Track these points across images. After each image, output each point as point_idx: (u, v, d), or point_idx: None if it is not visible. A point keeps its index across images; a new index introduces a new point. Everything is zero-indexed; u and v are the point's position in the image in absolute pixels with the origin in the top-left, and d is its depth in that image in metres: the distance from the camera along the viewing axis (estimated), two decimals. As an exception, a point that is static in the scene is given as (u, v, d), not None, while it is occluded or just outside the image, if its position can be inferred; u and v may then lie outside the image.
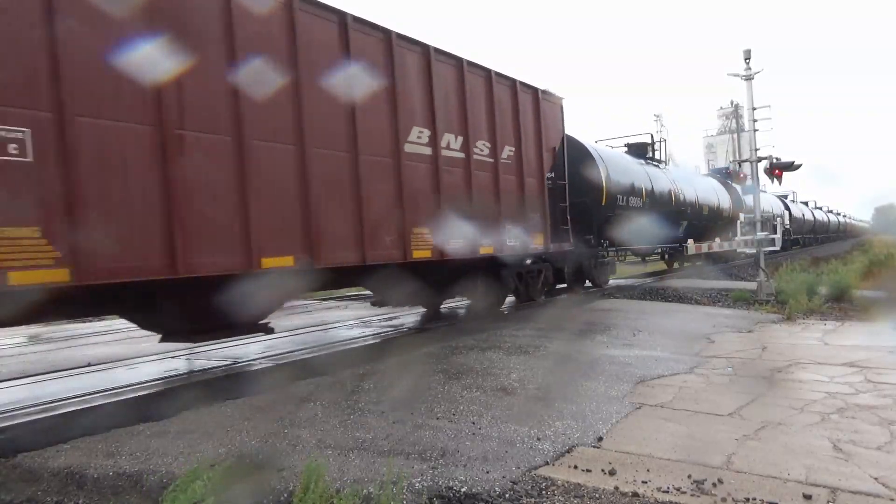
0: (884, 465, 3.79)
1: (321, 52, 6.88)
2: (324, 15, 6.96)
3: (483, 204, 9.32)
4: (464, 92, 9.04)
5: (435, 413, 4.88)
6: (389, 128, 7.81)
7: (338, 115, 7.05)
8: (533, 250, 10.80)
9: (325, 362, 7.06)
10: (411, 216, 7.99)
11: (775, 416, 4.76)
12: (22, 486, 3.56)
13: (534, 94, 10.79)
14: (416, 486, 3.45)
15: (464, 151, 9.03)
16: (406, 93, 8.04)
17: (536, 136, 10.83)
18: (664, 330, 9.11)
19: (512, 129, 10.16)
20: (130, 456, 3.94)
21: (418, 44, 8.30)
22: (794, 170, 14.67)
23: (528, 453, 4.03)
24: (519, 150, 10.25)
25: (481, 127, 9.45)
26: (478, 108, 9.38)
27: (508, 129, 10.08)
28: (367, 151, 7.35)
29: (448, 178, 8.69)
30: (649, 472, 3.70)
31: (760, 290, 12.74)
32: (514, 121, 10.22)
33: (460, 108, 9.01)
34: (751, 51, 13.41)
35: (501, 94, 9.95)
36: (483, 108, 9.50)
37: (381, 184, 7.61)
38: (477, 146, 9.31)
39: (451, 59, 8.92)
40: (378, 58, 7.68)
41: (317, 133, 6.71)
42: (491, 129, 9.62)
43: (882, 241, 36.45)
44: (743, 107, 14.32)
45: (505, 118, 9.97)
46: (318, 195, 6.68)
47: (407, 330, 9.85)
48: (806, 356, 7.14)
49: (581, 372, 6.24)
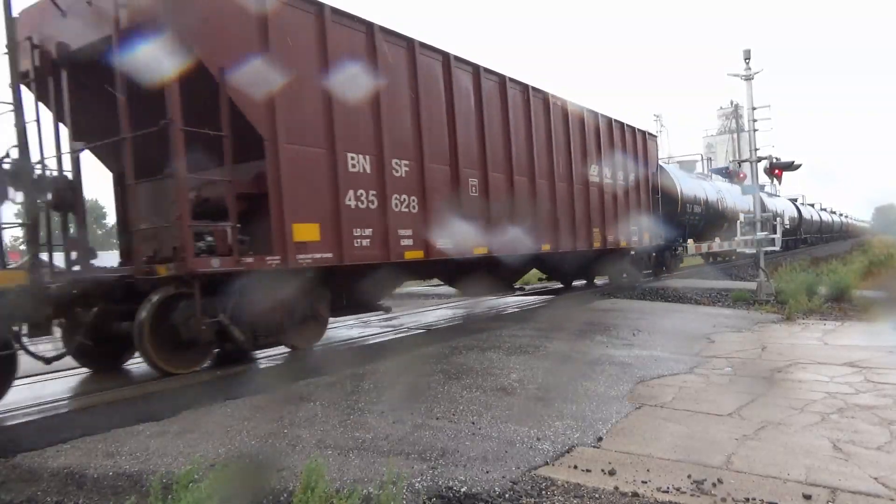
0: (884, 465, 3.79)
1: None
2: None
3: (625, 213, 14.40)
4: (612, 140, 14.09)
5: (434, 413, 4.88)
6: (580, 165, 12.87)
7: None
8: (645, 244, 15.77)
9: (325, 362, 7.06)
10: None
11: (775, 416, 4.75)
12: (22, 486, 3.55)
13: (643, 135, 15.76)
14: (416, 487, 3.45)
15: (612, 179, 14.05)
16: (587, 146, 13.04)
17: (644, 165, 15.74)
18: (664, 330, 9.12)
19: (633, 162, 14.97)
20: (130, 456, 3.94)
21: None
22: (794, 170, 14.68)
23: (528, 453, 4.03)
24: (637, 176, 15.18)
25: (619, 162, 14.28)
26: (619, 149, 14.32)
27: (631, 162, 14.89)
28: (563, 180, 12.17)
29: (608, 198, 13.74)
30: (649, 472, 3.70)
31: (760, 290, 12.74)
32: (634, 155, 15.12)
33: (610, 151, 13.92)
34: (751, 51, 13.45)
35: (629, 137, 14.89)
36: (619, 148, 14.36)
37: (578, 203, 12.66)
38: (617, 176, 14.27)
39: (620, 125, 14.47)
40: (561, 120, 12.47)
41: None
42: (623, 163, 14.52)
43: (882, 241, 36.44)
44: (743, 107, 14.34)
45: (630, 154, 14.86)
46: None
47: (406, 330, 9.85)
48: (806, 356, 7.14)
49: (581, 372, 6.24)
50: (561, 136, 12.05)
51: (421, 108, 8.61)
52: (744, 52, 13.46)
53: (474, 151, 9.68)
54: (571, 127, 12.39)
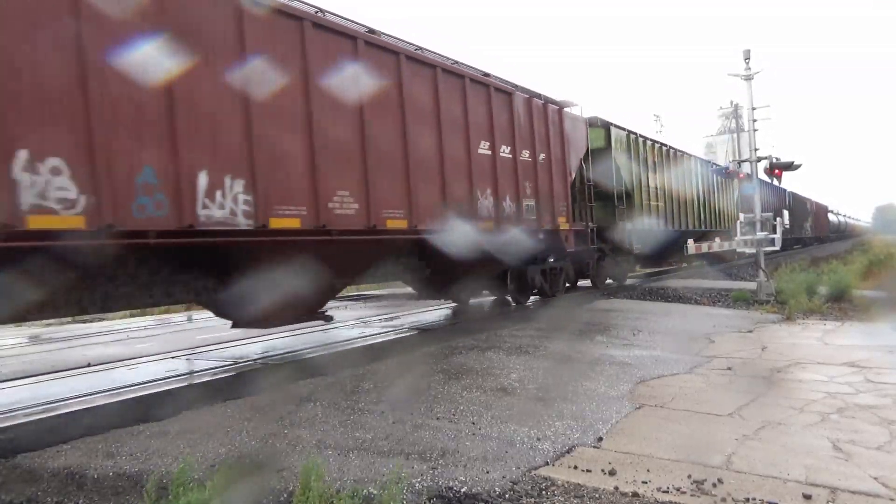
0: (884, 464, 3.79)
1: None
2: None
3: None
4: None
5: (435, 413, 4.88)
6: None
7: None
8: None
9: (325, 362, 7.06)
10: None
11: (775, 416, 4.75)
12: (22, 486, 3.55)
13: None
14: (416, 487, 3.45)
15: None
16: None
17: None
18: (664, 330, 9.12)
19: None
20: (130, 456, 3.94)
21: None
22: (794, 170, 14.66)
23: (528, 453, 4.03)
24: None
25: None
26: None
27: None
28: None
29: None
30: (649, 472, 3.70)
31: (760, 290, 12.74)
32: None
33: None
34: (751, 51, 13.42)
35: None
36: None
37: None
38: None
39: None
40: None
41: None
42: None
43: (882, 241, 36.44)
44: (743, 107, 14.32)
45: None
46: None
47: (407, 330, 9.85)
48: (806, 356, 7.14)
49: (581, 372, 6.24)
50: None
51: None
52: (744, 52, 13.45)
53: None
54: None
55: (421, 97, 8.16)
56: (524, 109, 10.42)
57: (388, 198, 7.44)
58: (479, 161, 9.16)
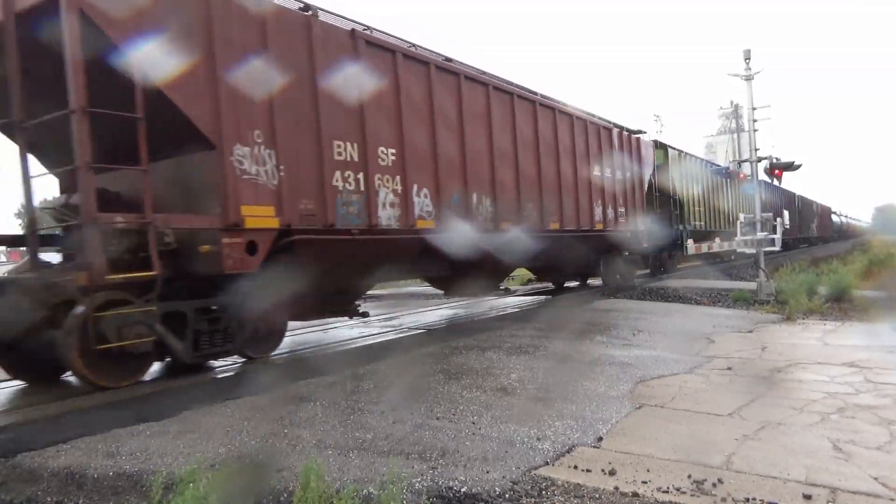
0: (884, 465, 3.79)
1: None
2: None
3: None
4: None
5: (435, 413, 4.88)
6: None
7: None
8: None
9: (325, 362, 7.06)
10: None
11: (775, 416, 4.75)
12: (22, 486, 3.55)
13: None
14: (416, 487, 3.45)
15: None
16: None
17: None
18: (664, 330, 9.12)
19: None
20: (130, 456, 3.94)
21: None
22: (794, 170, 14.69)
23: (528, 453, 4.03)
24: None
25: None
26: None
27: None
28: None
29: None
30: (649, 472, 3.70)
31: (760, 290, 12.74)
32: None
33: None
34: (751, 51, 13.42)
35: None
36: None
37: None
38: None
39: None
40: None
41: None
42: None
43: (882, 241, 36.45)
44: (743, 107, 14.32)
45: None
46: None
47: (407, 330, 9.85)
48: (806, 356, 7.14)
49: (581, 372, 6.24)
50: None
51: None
52: (744, 52, 13.46)
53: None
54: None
55: (564, 138, 12.18)
56: (618, 142, 14.43)
57: (553, 209, 11.62)
58: (595, 181, 13.24)
